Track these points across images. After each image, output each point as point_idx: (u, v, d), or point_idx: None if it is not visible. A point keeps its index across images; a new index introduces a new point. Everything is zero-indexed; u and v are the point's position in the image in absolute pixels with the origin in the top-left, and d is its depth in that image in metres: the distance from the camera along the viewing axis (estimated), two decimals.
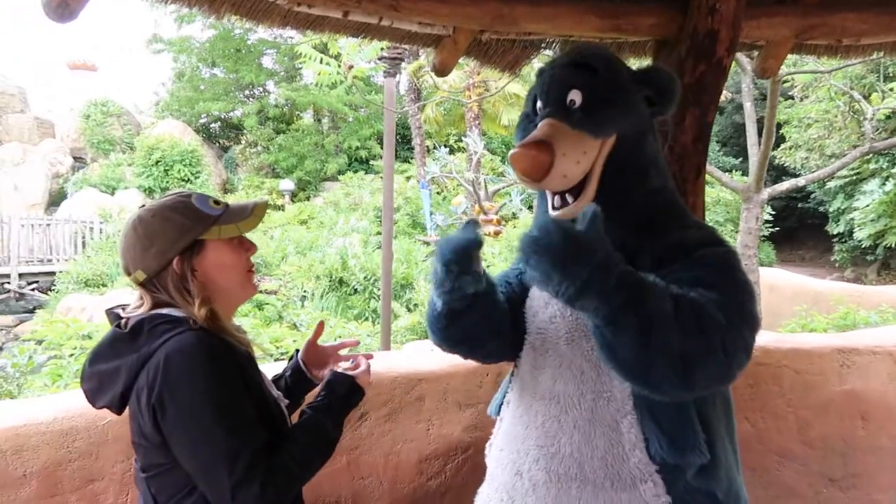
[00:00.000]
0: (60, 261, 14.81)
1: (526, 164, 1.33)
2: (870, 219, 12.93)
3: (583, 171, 1.37)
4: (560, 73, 1.43)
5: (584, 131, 1.36)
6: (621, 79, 1.42)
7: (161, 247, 1.23)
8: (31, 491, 1.96)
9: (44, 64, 45.38)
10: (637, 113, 1.41)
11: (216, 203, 1.31)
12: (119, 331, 1.25)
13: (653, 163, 1.43)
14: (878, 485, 2.72)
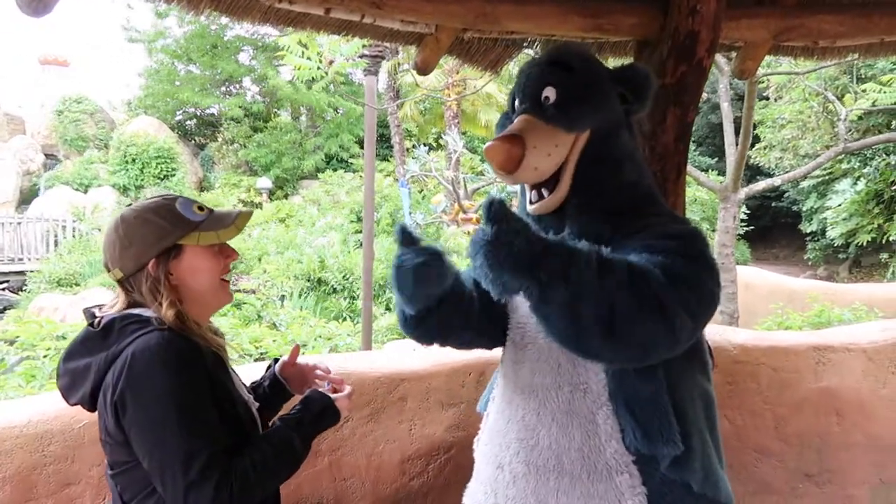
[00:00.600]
0: (32, 260, 14.52)
1: (498, 156, 1.38)
2: (842, 218, 13.17)
3: (555, 163, 1.41)
4: (537, 70, 1.48)
5: (557, 126, 1.40)
6: (596, 76, 1.46)
7: (139, 248, 1.25)
8: (4, 496, 1.92)
9: (13, 58, 44.50)
10: (611, 109, 1.45)
11: (200, 209, 1.31)
12: (91, 329, 1.27)
13: (628, 157, 1.47)
14: (853, 480, 2.77)
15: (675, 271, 1.23)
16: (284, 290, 8.67)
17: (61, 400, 2.09)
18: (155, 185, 17.28)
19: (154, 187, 17.17)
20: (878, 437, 2.75)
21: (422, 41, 2.30)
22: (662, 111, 2.03)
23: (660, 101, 2.03)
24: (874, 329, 2.90)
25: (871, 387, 2.75)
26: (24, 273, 13.60)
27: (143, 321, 1.23)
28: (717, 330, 2.89)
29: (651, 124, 2.05)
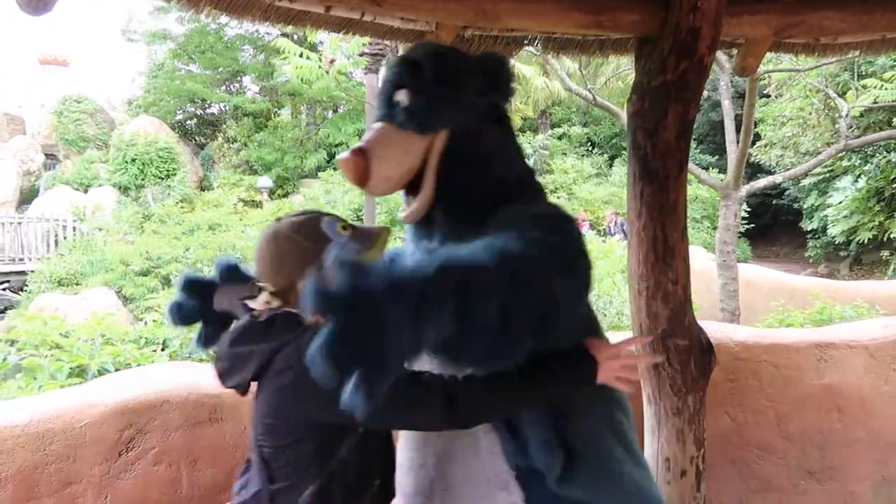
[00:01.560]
0: (32, 260, 14.52)
1: (347, 171, 1.36)
2: (843, 215, 13.15)
3: (408, 170, 1.38)
4: (391, 73, 1.44)
5: (408, 130, 1.36)
6: (447, 73, 1.39)
7: (289, 269, 1.34)
8: (6, 495, 1.92)
9: (13, 58, 44.48)
10: (468, 105, 1.40)
11: (344, 228, 1.37)
12: (254, 320, 1.34)
13: (496, 152, 1.42)
14: (855, 477, 2.77)
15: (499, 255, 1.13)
16: None
17: (63, 399, 2.11)
18: (155, 185, 17.26)
19: (154, 186, 17.16)
20: (880, 433, 2.75)
21: (422, 39, 2.30)
22: (663, 108, 2.02)
23: (661, 98, 2.03)
24: (876, 326, 2.90)
25: (873, 383, 2.75)
26: (24, 273, 13.60)
27: (302, 321, 1.31)
28: (719, 327, 2.89)
29: (652, 121, 2.05)
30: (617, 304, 5.58)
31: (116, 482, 2.06)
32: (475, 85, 1.40)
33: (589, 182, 18.57)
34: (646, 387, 2.19)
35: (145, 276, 11.18)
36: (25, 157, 18.17)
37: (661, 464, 2.17)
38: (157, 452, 2.11)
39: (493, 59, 1.46)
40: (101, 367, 3.44)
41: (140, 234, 14.16)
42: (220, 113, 21.64)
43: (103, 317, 4.19)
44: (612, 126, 21.76)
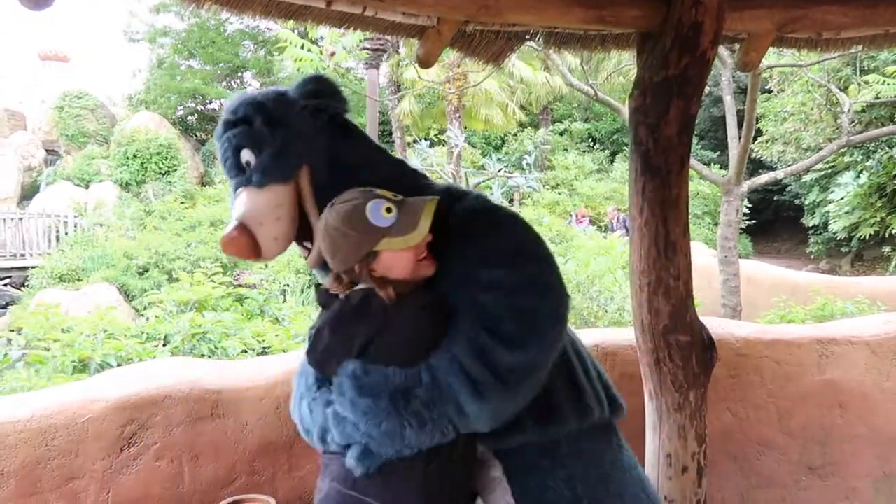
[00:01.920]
0: (34, 256, 14.52)
1: (234, 252, 1.38)
2: (844, 211, 13.12)
3: (290, 221, 1.41)
4: (224, 140, 1.45)
5: (270, 185, 1.38)
6: (277, 114, 1.42)
7: (341, 257, 1.40)
8: (9, 490, 1.92)
9: (13, 54, 44.45)
10: (309, 135, 1.42)
11: (388, 211, 1.39)
12: (349, 301, 1.39)
13: (361, 163, 1.46)
14: (856, 472, 2.77)
15: None
16: (286, 286, 8.67)
17: (65, 394, 2.11)
18: (156, 181, 17.24)
19: (155, 182, 17.15)
20: (882, 429, 2.75)
21: (423, 34, 2.29)
22: (665, 103, 2.01)
23: (663, 93, 2.02)
24: (877, 322, 2.90)
25: (875, 380, 2.74)
26: (26, 269, 13.59)
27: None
28: (720, 323, 2.89)
29: (654, 117, 2.04)
30: (618, 300, 5.58)
31: (118, 477, 2.06)
32: (305, 112, 1.42)
33: (590, 178, 18.56)
34: (647, 383, 2.19)
35: (147, 271, 11.18)
36: (26, 152, 18.16)
37: (662, 460, 2.16)
38: (159, 448, 2.11)
39: (308, 80, 1.48)
40: (103, 361, 3.46)
41: (141, 230, 14.16)
42: (221, 108, 21.61)
43: (105, 312, 4.20)
44: (613, 122, 21.73)
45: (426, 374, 1.31)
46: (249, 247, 1.36)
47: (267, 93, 1.49)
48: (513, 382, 1.31)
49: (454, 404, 1.29)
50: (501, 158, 16.99)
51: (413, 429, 1.27)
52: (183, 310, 4.79)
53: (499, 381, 1.29)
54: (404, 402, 1.28)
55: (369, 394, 1.29)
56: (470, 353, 1.31)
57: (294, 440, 2.25)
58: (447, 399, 1.29)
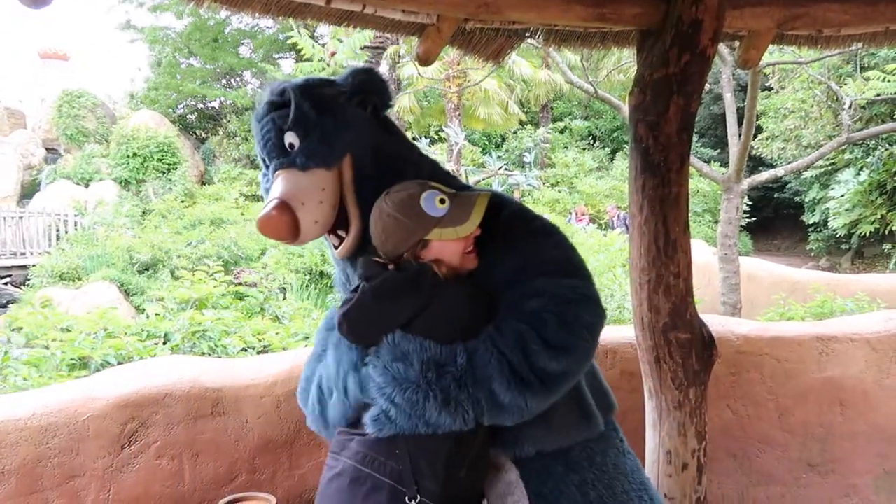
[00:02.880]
0: (34, 254, 14.52)
1: (273, 231, 1.35)
2: (844, 208, 13.13)
3: (331, 207, 1.40)
4: (268, 122, 1.44)
5: (314, 169, 1.37)
6: (325, 101, 1.42)
7: (393, 243, 1.41)
8: (9, 488, 1.93)
9: (13, 53, 44.40)
10: (356, 124, 1.42)
11: (442, 202, 1.41)
12: (402, 272, 1.41)
13: (401, 159, 1.46)
14: (856, 470, 2.77)
15: None
16: (286, 284, 8.67)
17: (65, 392, 2.11)
18: (156, 179, 17.24)
19: (156, 181, 17.14)
20: (882, 427, 2.75)
21: (423, 32, 2.29)
22: (665, 101, 2.01)
23: (663, 91, 2.02)
24: (878, 319, 2.90)
25: (875, 377, 2.75)
26: (26, 267, 13.59)
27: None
28: (720, 320, 2.89)
29: (654, 114, 2.04)
30: (618, 298, 5.58)
31: (119, 475, 2.06)
32: (352, 102, 1.43)
33: (590, 175, 18.55)
34: (647, 380, 2.19)
35: (147, 270, 11.19)
36: (26, 151, 18.15)
37: (662, 457, 2.17)
38: (159, 446, 2.12)
39: (358, 72, 1.48)
40: (103, 360, 3.45)
41: (141, 228, 14.16)
42: (221, 107, 21.59)
43: (105, 310, 4.20)
44: (613, 119, 21.72)
45: (462, 355, 1.31)
46: (289, 227, 1.34)
47: (315, 79, 1.49)
48: (550, 385, 1.33)
49: (487, 390, 1.30)
50: (501, 156, 17.01)
51: (436, 403, 1.27)
52: (183, 308, 4.80)
53: (538, 380, 1.31)
54: (436, 374, 1.29)
55: (403, 359, 1.30)
56: (514, 346, 1.32)
57: (295, 438, 2.25)
58: (481, 384, 1.30)
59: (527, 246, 1.44)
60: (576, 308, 1.37)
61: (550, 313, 1.35)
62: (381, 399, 1.31)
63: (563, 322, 1.35)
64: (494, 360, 1.31)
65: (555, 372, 1.33)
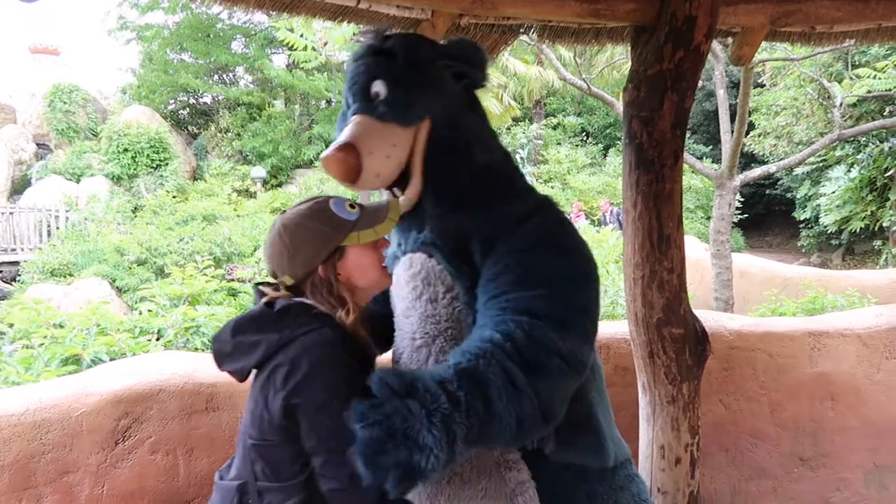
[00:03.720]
0: (25, 250, 14.44)
1: (335, 169, 1.32)
2: (835, 205, 13.19)
3: (397, 164, 1.35)
4: (361, 64, 1.40)
5: (391, 122, 1.34)
6: (423, 61, 1.38)
7: (306, 256, 1.32)
8: (3, 484, 1.92)
9: (3, 47, 44.04)
10: (446, 92, 1.39)
11: (352, 206, 1.36)
12: (267, 309, 1.31)
13: (476, 138, 1.41)
14: (847, 464, 2.80)
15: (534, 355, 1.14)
16: None
17: (59, 388, 2.10)
18: (148, 175, 17.16)
19: (147, 176, 17.06)
20: (872, 421, 2.78)
21: (418, 27, 2.29)
22: (659, 97, 2.02)
23: (657, 86, 2.02)
24: (869, 315, 2.92)
25: (866, 372, 2.77)
26: (17, 263, 13.52)
27: (320, 315, 1.29)
28: (713, 316, 2.90)
29: (648, 111, 2.04)
30: (611, 294, 5.60)
31: (113, 471, 2.06)
32: (450, 70, 1.39)
33: (583, 172, 18.58)
34: (641, 375, 2.20)
35: (140, 266, 11.14)
36: (16, 146, 18.03)
37: (655, 451, 2.18)
38: (153, 441, 2.11)
39: (466, 43, 1.45)
40: (95, 357, 3.44)
41: (133, 224, 14.10)
42: (213, 102, 21.49)
43: (97, 306, 4.17)
44: (606, 116, 21.76)
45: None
46: (350, 169, 1.30)
47: (421, 37, 1.46)
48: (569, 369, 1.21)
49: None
50: None
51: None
52: (176, 304, 4.78)
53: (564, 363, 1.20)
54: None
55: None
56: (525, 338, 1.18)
57: None
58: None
59: (543, 256, 1.29)
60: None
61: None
62: None
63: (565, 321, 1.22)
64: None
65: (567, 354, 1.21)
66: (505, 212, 1.35)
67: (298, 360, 1.22)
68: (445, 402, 1.03)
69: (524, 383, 1.11)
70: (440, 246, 1.38)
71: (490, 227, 1.33)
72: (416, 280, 1.40)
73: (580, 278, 1.27)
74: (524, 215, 1.34)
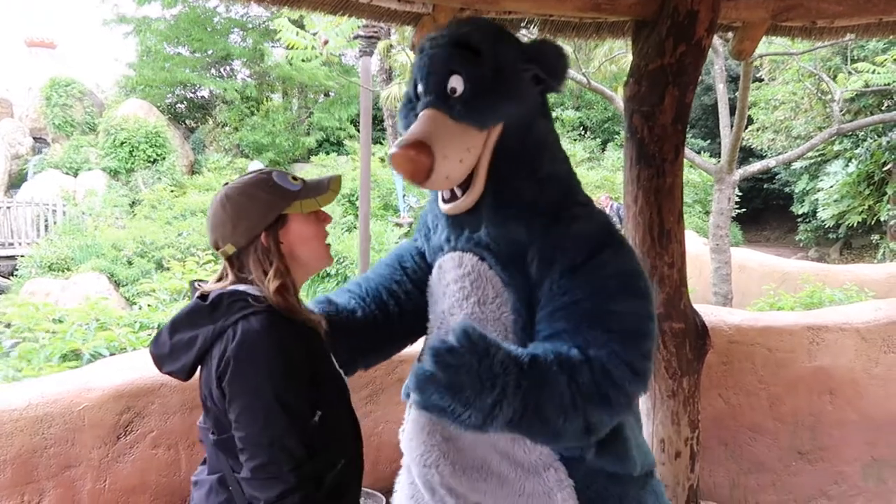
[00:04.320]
0: (23, 244, 14.40)
1: (406, 169, 1.26)
2: (833, 199, 13.22)
3: (468, 168, 1.30)
4: (440, 54, 1.32)
5: (467, 124, 1.27)
6: (507, 60, 1.31)
7: (249, 222, 1.30)
8: (6, 478, 1.92)
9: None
10: (525, 96, 1.33)
11: (294, 179, 1.36)
12: (200, 302, 1.30)
13: (543, 146, 1.36)
14: (844, 457, 2.81)
15: (626, 357, 1.19)
16: None
17: (61, 383, 2.10)
18: (146, 169, 17.11)
19: (145, 171, 17.02)
20: (871, 415, 2.79)
21: (419, 21, 2.28)
22: (661, 92, 2.03)
23: (658, 81, 2.03)
24: (867, 309, 2.93)
25: (864, 366, 2.78)
26: (14, 258, 13.48)
27: (251, 298, 1.28)
28: (713, 311, 2.91)
29: (649, 105, 2.05)
30: None
31: (115, 465, 2.06)
32: (530, 73, 1.33)
33: (582, 166, 18.55)
34: None
35: (138, 260, 11.13)
36: (13, 140, 17.95)
37: (655, 445, 2.19)
38: (155, 436, 2.12)
39: (551, 47, 1.36)
40: (94, 352, 3.44)
41: (131, 218, 14.07)
42: (211, 96, 21.42)
43: (97, 301, 4.18)
44: (604, 110, 21.71)
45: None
46: (424, 170, 1.25)
47: (501, 31, 1.38)
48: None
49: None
50: None
51: None
52: (175, 298, 4.78)
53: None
54: None
55: None
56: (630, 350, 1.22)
57: None
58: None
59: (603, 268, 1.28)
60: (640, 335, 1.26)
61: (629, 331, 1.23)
62: None
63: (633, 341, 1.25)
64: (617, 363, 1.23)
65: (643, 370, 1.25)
66: (571, 232, 1.30)
67: (231, 348, 1.22)
68: (511, 382, 1.09)
69: (584, 405, 1.15)
70: (494, 251, 1.34)
71: (551, 244, 1.29)
72: (464, 280, 1.37)
73: (650, 324, 1.26)
74: (595, 243, 1.28)
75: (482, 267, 1.35)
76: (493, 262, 1.34)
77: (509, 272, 1.33)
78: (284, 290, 1.29)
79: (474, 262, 1.36)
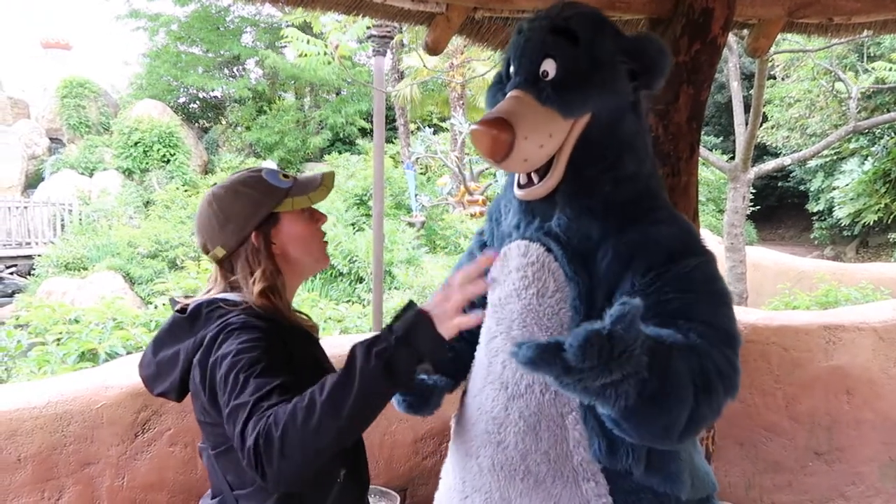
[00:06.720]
0: (39, 244, 14.57)
1: (485, 145, 1.23)
2: (849, 197, 13.09)
3: (547, 154, 1.26)
4: (537, 37, 1.28)
5: (553, 109, 1.24)
6: (604, 51, 1.26)
7: (238, 222, 1.24)
8: (26, 475, 1.95)
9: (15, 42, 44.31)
10: (617, 90, 1.27)
11: (285, 176, 1.31)
12: (179, 315, 1.25)
13: (629, 146, 1.31)
14: (862, 457, 2.79)
15: (725, 359, 1.12)
16: None
17: (79, 381, 2.13)
18: (160, 169, 17.24)
19: (159, 170, 17.15)
20: (888, 415, 2.76)
21: (432, 21, 2.29)
22: (675, 90, 2.01)
23: (673, 79, 2.01)
24: (885, 308, 2.90)
25: (882, 365, 2.76)
26: (31, 257, 13.66)
27: (230, 305, 1.22)
28: None
29: (664, 104, 2.04)
30: None
31: (133, 463, 2.08)
32: (628, 66, 1.28)
33: None
34: None
35: (153, 259, 11.23)
36: (30, 141, 18.15)
37: None
38: (172, 434, 2.14)
39: (654, 42, 1.32)
40: (111, 351, 3.48)
41: (145, 218, 14.19)
42: (224, 96, 21.54)
43: (112, 301, 4.22)
44: None
45: None
46: (503, 148, 1.21)
47: (601, 19, 1.33)
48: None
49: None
50: None
51: None
52: (189, 296, 4.81)
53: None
54: None
55: None
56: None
57: None
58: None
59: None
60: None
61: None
62: None
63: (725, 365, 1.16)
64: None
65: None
66: (651, 237, 1.24)
67: (208, 350, 1.16)
68: (642, 369, 0.97)
69: (709, 390, 1.07)
70: (563, 242, 1.29)
71: (629, 247, 1.24)
72: (526, 269, 1.32)
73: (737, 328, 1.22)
74: (680, 245, 1.24)
75: (548, 258, 1.30)
76: (560, 254, 1.29)
77: (574, 267, 1.28)
78: (270, 291, 1.23)
79: (540, 252, 1.31)
